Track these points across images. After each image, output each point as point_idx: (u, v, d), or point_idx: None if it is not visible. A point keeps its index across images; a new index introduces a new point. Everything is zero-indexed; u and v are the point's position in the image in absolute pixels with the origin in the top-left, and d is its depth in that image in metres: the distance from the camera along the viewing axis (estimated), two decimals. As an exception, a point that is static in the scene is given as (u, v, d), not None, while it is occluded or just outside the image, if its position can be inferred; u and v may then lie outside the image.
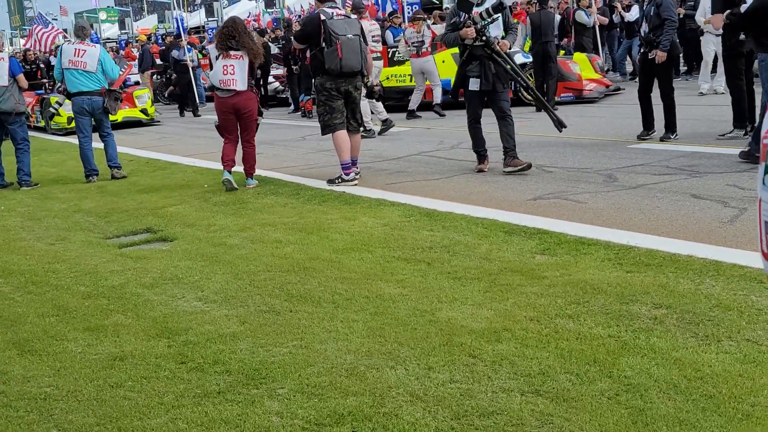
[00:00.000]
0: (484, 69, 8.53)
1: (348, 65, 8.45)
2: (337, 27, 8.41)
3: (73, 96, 10.44)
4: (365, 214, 7.14)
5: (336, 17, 8.52)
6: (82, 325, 4.77)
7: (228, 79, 8.67)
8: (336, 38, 8.35)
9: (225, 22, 9.36)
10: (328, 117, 8.67)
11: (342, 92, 8.60)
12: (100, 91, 10.46)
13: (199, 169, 10.74)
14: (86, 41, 10.64)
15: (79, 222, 7.92)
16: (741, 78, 9.73)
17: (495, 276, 5.06)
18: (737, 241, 5.45)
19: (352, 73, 8.57)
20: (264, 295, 5.09)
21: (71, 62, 10.35)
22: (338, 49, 8.34)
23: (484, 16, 8.37)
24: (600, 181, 7.91)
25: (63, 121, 17.04)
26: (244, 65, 8.69)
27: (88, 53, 10.40)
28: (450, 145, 11.29)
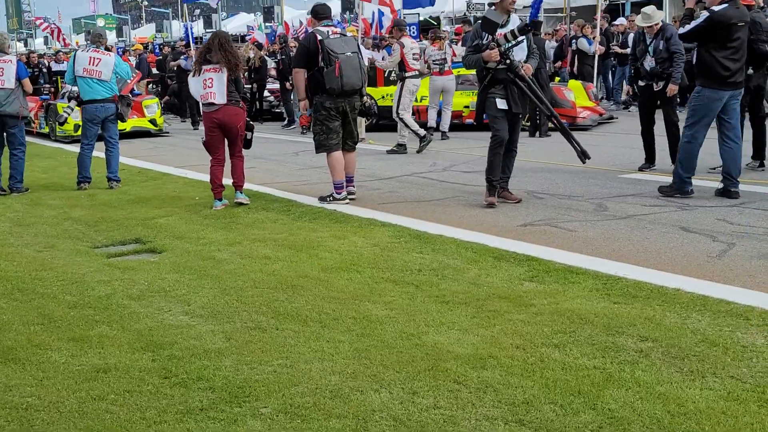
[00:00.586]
0: (508, 93, 8.17)
1: (349, 83, 8.38)
2: (335, 45, 8.35)
3: (85, 103, 10.44)
4: (355, 234, 7.14)
5: (332, 36, 8.47)
6: (67, 335, 4.75)
7: (207, 92, 8.56)
8: (335, 57, 8.28)
9: (211, 35, 9.28)
10: (324, 137, 8.61)
11: (340, 112, 8.55)
12: (112, 98, 10.47)
13: (191, 181, 10.73)
14: (101, 49, 10.61)
15: (68, 230, 7.89)
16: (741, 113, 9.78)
17: (483, 301, 5.06)
18: (725, 277, 5.48)
19: (353, 92, 8.51)
20: (251, 311, 5.08)
21: (86, 70, 10.35)
22: (337, 67, 8.28)
23: (509, 38, 8.05)
24: (590, 210, 7.94)
25: (70, 129, 16.78)
26: (223, 77, 8.54)
27: (103, 62, 10.41)
28: (442, 167, 11.32)
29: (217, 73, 8.56)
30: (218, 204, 8.64)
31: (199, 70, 8.63)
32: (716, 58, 8.13)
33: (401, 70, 13.42)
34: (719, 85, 8.19)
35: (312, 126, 8.93)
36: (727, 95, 8.24)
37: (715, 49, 8.15)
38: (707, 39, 8.21)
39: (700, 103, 8.30)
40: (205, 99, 8.61)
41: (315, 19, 8.90)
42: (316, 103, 8.59)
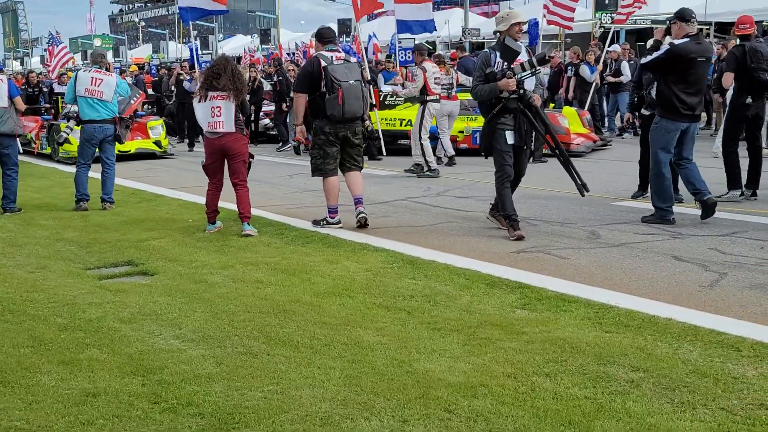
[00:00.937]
0: (517, 124, 7.98)
1: (350, 111, 8.32)
2: (339, 73, 8.28)
3: (84, 123, 10.45)
4: (348, 258, 7.14)
5: (336, 62, 8.38)
6: (57, 358, 4.73)
7: (215, 121, 8.39)
8: (338, 85, 8.23)
9: (215, 60, 9.11)
10: (321, 161, 8.56)
11: (340, 138, 8.50)
12: (112, 119, 10.48)
13: (185, 203, 10.72)
14: (103, 70, 10.63)
15: (61, 251, 7.88)
16: (736, 141, 9.88)
17: (474, 329, 5.06)
18: (716, 307, 5.49)
19: (355, 119, 8.47)
20: (242, 336, 5.07)
21: (87, 90, 10.35)
22: (339, 96, 8.23)
23: (526, 67, 7.86)
24: (583, 237, 7.96)
25: (72, 150, 16.53)
26: (231, 105, 8.40)
27: (105, 83, 10.42)
28: (436, 192, 11.34)
29: (225, 101, 8.38)
30: (211, 227, 8.58)
31: (205, 96, 8.45)
32: (674, 90, 8.37)
33: (422, 94, 13.41)
34: (676, 116, 8.41)
35: (310, 149, 8.85)
36: (684, 126, 8.49)
37: (673, 82, 8.39)
38: (667, 71, 8.43)
39: (659, 133, 8.56)
40: (213, 128, 8.42)
41: (319, 42, 8.79)
42: (316, 127, 8.54)
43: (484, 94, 8.00)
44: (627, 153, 14.52)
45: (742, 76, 9.70)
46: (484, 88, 7.98)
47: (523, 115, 7.99)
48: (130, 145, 16.86)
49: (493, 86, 7.89)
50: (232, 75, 8.52)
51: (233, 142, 8.48)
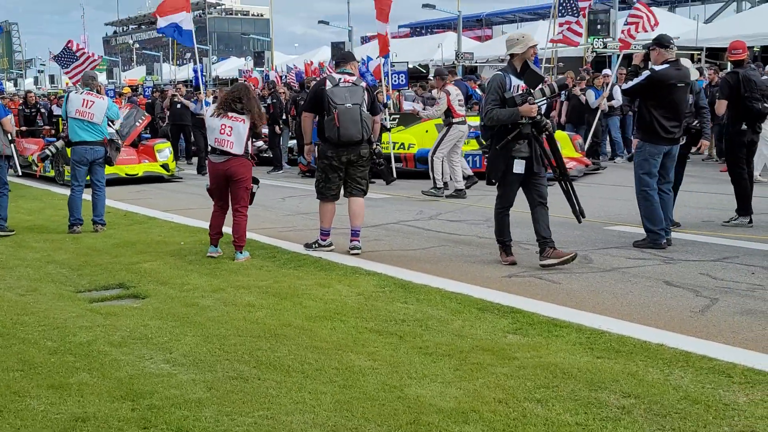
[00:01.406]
0: (532, 150, 7.73)
1: (346, 135, 8.26)
2: (337, 95, 8.25)
3: (74, 145, 10.46)
4: (340, 282, 7.14)
5: (342, 84, 8.34)
6: (47, 382, 4.71)
7: (224, 139, 8.29)
8: (334, 107, 8.21)
9: (235, 86, 9.07)
10: (322, 185, 8.59)
11: (343, 162, 8.44)
12: (102, 141, 10.50)
13: (177, 226, 10.71)
14: (94, 92, 10.65)
15: (52, 273, 7.85)
16: (742, 167, 9.90)
17: (466, 354, 5.06)
18: (707, 332, 5.49)
19: (352, 143, 8.37)
20: (233, 360, 5.05)
21: (78, 112, 10.39)
22: (335, 118, 8.21)
23: (546, 92, 7.64)
24: (575, 262, 7.95)
25: None
26: (244, 129, 8.32)
27: (96, 105, 10.45)
28: (428, 216, 11.35)
29: (240, 123, 8.32)
30: (213, 250, 8.49)
31: (222, 114, 8.37)
32: (654, 115, 8.48)
33: (448, 117, 13.42)
34: (658, 140, 8.53)
35: (316, 173, 8.88)
36: (665, 149, 8.60)
37: (653, 107, 8.51)
38: (647, 96, 8.56)
39: (642, 157, 8.67)
40: (220, 144, 8.32)
41: (336, 65, 8.86)
42: (320, 150, 8.53)
43: (503, 118, 7.61)
44: (619, 177, 14.59)
45: (735, 104, 9.76)
46: (502, 113, 7.60)
47: (536, 142, 7.76)
48: (138, 168, 16.97)
49: (514, 111, 7.55)
50: (252, 102, 8.53)
51: (238, 166, 8.37)
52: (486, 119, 7.80)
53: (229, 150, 8.31)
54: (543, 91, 7.64)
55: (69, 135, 10.52)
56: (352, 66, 8.72)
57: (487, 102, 7.82)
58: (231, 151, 8.30)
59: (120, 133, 17.86)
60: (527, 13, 49.68)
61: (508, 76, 7.71)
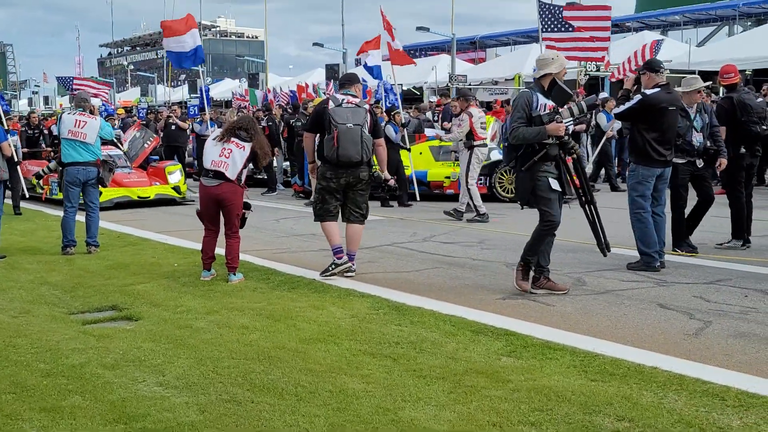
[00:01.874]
0: (560, 172, 7.48)
1: (345, 155, 8.16)
2: (338, 115, 8.19)
3: (67, 166, 10.46)
4: (334, 304, 7.13)
5: (345, 105, 8.29)
6: (39, 405, 4.68)
7: (221, 161, 8.29)
8: (335, 126, 8.15)
9: (242, 117, 9.13)
10: (320, 207, 8.48)
11: (342, 184, 8.35)
12: (95, 162, 10.50)
13: (171, 247, 10.69)
14: (87, 113, 10.67)
15: (45, 295, 7.83)
16: (741, 190, 9.94)
17: (460, 377, 5.05)
18: (701, 355, 5.50)
19: (351, 164, 8.27)
20: (226, 383, 5.03)
21: (71, 132, 10.40)
22: (335, 137, 8.13)
23: (574, 111, 7.36)
24: (568, 284, 7.96)
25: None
26: (244, 155, 8.33)
27: (88, 125, 10.47)
28: (422, 237, 11.36)
29: (240, 150, 8.34)
30: (206, 274, 8.47)
31: (225, 139, 8.39)
32: (647, 138, 8.55)
33: (469, 139, 13.27)
34: (651, 163, 8.59)
35: (313, 195, 8.79)
36: (658, 171, 8.65)
37: (645, 130, 8.59)
38: (638, 120, 8.63)
39: (635, 180, 8.75)
40: (215, 166, 8.30)
41: (340, 86, 8.85)
42: (320, 172, 8.44)
43: (529, 137, 7.29)
44: (614, 200, 14.62)
45: (734, 128, 9.78)
46: (529, 131, 7.28)
47: (563, 163, 7.53)
48: (150, 191, 16.66)
49: (541, 129, 7.26)
50: (258, 134, 8.56)
51: (229, 193, 8.35)
52: (511, 138, 7.45)
53: (223, 171, 8.29)
54: (571, 110, 7.38)
55: (62, 156, 10.53)
56: (356, 88, 8.68)
57: (513, 120, 7.44)
58: (224, 173, 8.29)
59: (128, 155, 17.82)
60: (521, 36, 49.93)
61: (535, 94, 7.46)
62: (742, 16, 41.64)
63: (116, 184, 15.94)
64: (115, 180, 15.64)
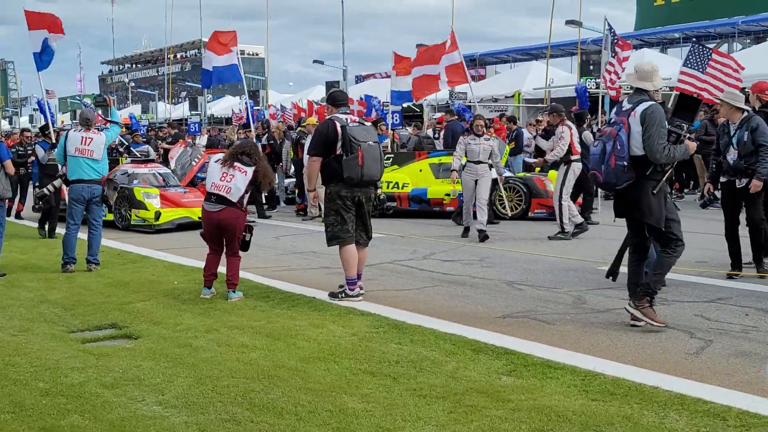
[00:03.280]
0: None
1: (369, 174, 8.03)
2: (357, 134, 8.02)
3: (72, 183, 10.46)
4: (334, 322, 7.11)
5: (351, 123, 8.14)
6: (38, 425, 4.67)
7: (223, 185, 8.33)
8: (357, 145, 7.94)
9: (245, 142, 9.12)
10: (339, 228, 8.14)
11: (356, 202, 8.15)
12: (100, 180, 10.51)
13: (171, 265, 10.68)
14: (92, 129, 10.68)
15: (44, 313, 7.81)
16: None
17: (460, 396, 5.03)
18: (702, 375, 5.48)
19: (370, 182, 8.20)
20: (226, 402, 5.02)
21: (78, 150, 10.41)
22: (360, 156, 7.93)
23: (683, 128, 6.91)
24: (569, 303, 7.96)
25: (150, 216, 14.76)
26: (246, 180, 8.36)
27: (95, 141, 10.48)
28: (422, 255, 11.35)
29: (243, 174, 8.36)
30: (206, 292, 8.47)
31: (228, 164, 8.41)
32: None
33: (567, 154, 12.80)
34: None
35: (324, 216, 8.45)
36: None
37: None
38: None
39: None
40: (217, 189, 8.35)
41: (332, 105, 8.49)
42: (331, 192, 8.16)
43: (679, 156, 6.81)
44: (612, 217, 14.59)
45: None
46: (679, 150, 6.75)
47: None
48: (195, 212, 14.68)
49: (686, 148, 6.85)
50: (260, 160, 8.59)
51: (231, 218, 8.39)
52: (663, 157, 6.72)
53: (225, 195, 8.35)
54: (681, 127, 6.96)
55: (68, 173, 10.53)
56: (348, 106, 8.69)
57: (659, 136, 6.73)
58: (226, 197, 8.34)
59: (176, 173, 17.61)
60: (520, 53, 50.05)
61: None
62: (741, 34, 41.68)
63: (174, 204, 15.22)
64: (173, 200, 15.17)
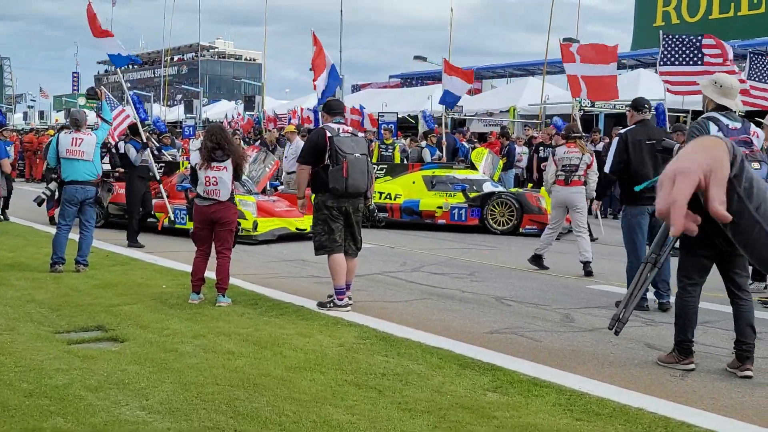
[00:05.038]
0: None
1: (354, 185, 8.04)
2: (345, 145, 8.03)
3: (66, 184, 10.42)
4: (321, 332, 7.10)
5: (342, 134, 8.15)
6: (20, 426, 4.64)
7: (211, 189, 8.36)
8: (343, 157, 7.96)
9: (211, 129, 9.02)
10: (326, 237, 8.14)
11: (343, 212, 8.15)
12: (94, 181, 10.47)
13: (160, 268, 10.65)
14: (82, 130, 10.63)
15: (31, 313, 7.77)
16: None
17: (445, 411, 5.03)
18: (687, 398, 5.49)
19: (358, 194, 8.21)
20: (210, 409, 5.00)
21: (69, 152, 10.36)
22: (344, 168, 7.96)
23: None
24: (557, 320, 7.97)
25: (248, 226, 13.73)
26: (228, 176, 8.39)
27: (85, 141, 10.42)
28: (412, 268, 11.35)
29: (224, 172, 8.37)
30: (194, 297, 8.41)
31: (207, 166, 8.39)
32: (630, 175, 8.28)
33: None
34: (638, 201, 8.26)
35: (312, 226, 8.48)
36: (650, 209, 8.30)
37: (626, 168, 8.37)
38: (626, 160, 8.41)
39: (625, 221, 8.54)
40: (208, 195, 8.38)
41: (327, 114, 8.55)
42: (318, 201, 8.20)
43: None
44: (603, 235, 14.64)
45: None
46: None
47: None
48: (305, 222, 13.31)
49: None
50: (231, 145, 8.57)
51: (224, 210, 8.44)
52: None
53: (216, 198, 8.39)
54: None
55: (61, 175, 10.49)
56: (344, 115, 8.67)
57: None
58: (218, 199, 8.39)
59: (251, 178, 17.34)
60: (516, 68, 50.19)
61: None
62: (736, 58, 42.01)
63: (268, 214, 14.37)
64: (266, 209, 14.50)
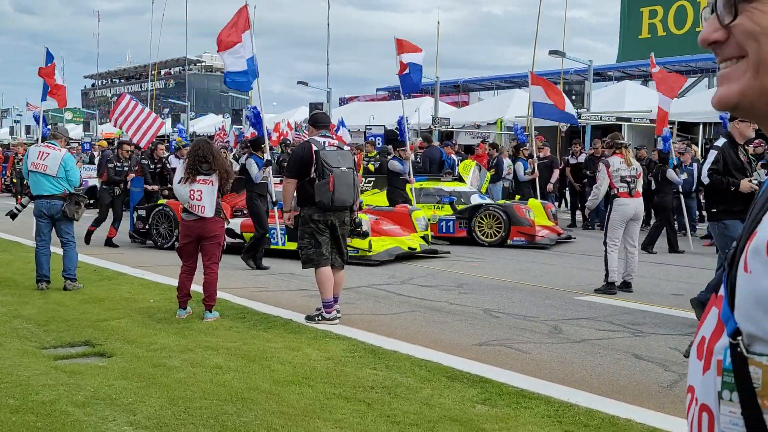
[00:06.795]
0: None
1: (340, 199, 8.06)
2: (330, 159, 8.06)
3: (35, 198, 10.26)
4: (309, 345, 7.09)
5: (328, 148, 8.19)
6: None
7: (195, 204, 8.29)
8: (329, 171, 7.99)
9: (197, 144, 8.94)
10: (313, 251, 8.15)
11: (329, 225, 8.17)
12: (61, 195, 10.22)
13: (147, 282, 10.60)
14: (53, 144, 10.41)
15: (17, 328, 7.73)
16: None
17: (434, 424, 5.02)
18: (675, 408, 5.50)
19: (344, 208, 8.22)
20: (198, 424, 4.98)
21: (33, 164, 10.18)
22: (330, 182, 7.98)
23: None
24: (545, 332, 7.98)
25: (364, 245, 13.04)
26: (213, 190, 8.34)
27: (50, 156, 10.19)
28: (401, 280, 11.34)
29: (209, 185, 8.32)
30: (182, 313, 8.37)
31: (191, 180, 8.32)
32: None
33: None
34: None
35: (299, 239, 8.43)
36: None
37: None
38: None
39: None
40: (192, 210, 8.32)
41: (314, 127, 8.55)
42: (304, 215, 8.22)
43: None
44: (590, 246, 14.69)
45: None
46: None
47: None
48: (414, 242, 13.74)
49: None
50: (217, 158, 8.50)
51: (211, 224, 8.38)
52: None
53: (201, 214, 8.31)
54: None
55: (30, 189, 10.33)
56: (330, 129, 8.67)
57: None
58: (204, 216, 8.32)
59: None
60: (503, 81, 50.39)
61: None
62: (721, 69, 42.18)
63: (376, 233, 13.51)
64: (373, 228, 13.59)
